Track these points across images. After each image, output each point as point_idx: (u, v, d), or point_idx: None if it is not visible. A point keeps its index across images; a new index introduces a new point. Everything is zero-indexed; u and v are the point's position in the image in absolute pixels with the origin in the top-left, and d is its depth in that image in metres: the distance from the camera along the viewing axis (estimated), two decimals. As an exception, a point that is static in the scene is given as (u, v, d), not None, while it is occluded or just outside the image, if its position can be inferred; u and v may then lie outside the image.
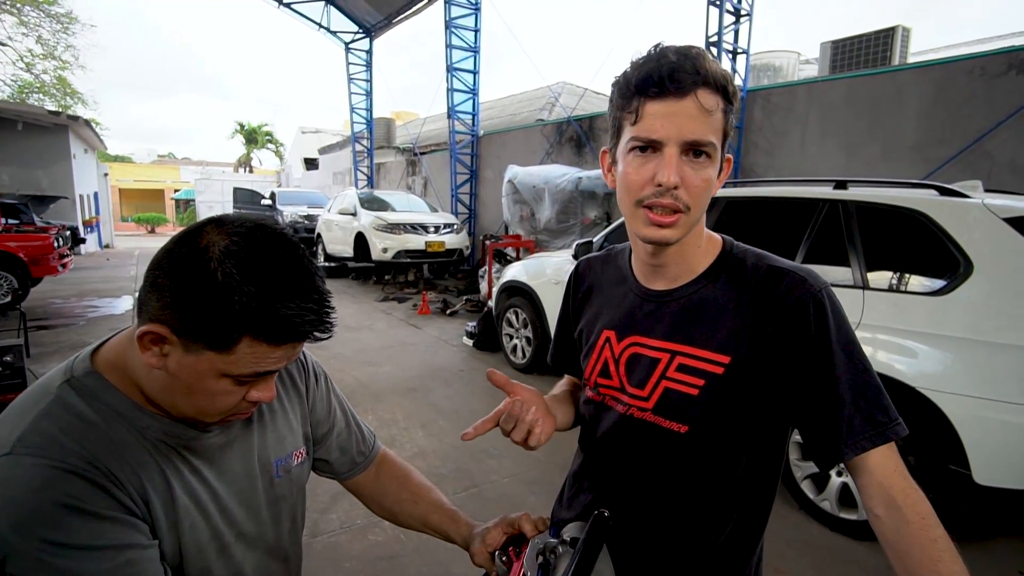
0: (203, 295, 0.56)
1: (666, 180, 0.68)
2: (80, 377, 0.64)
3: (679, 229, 0.73)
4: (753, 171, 6.66)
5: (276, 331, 0.59)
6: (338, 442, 0.94)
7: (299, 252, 0.62)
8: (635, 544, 0.81)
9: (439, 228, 9.48)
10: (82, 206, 15.57)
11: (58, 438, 0.58)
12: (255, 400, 0.66)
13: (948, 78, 5.03)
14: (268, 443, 0.80)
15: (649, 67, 0.69)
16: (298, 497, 0.87)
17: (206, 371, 0.60)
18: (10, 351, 3.56)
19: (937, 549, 0.64)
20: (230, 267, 0.57)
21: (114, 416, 0.63)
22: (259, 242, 0.60)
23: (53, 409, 0.60)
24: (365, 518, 2.59)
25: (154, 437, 0.66)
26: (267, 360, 0.61)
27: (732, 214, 3.20)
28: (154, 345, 0.60)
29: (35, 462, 0.56)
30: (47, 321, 6.69)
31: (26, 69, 17.69)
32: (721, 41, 6.33)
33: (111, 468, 0.60)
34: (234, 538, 0.74)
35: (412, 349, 5.78)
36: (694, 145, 0.69)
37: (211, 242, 0.58)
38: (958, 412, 2.17)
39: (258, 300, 0.57)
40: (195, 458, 0.70)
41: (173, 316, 0.58)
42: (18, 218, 9.19)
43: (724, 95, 0.70)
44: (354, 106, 15.64)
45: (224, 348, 0.59)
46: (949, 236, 2.31)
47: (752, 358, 0.73)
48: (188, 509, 0.67)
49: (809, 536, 2.55)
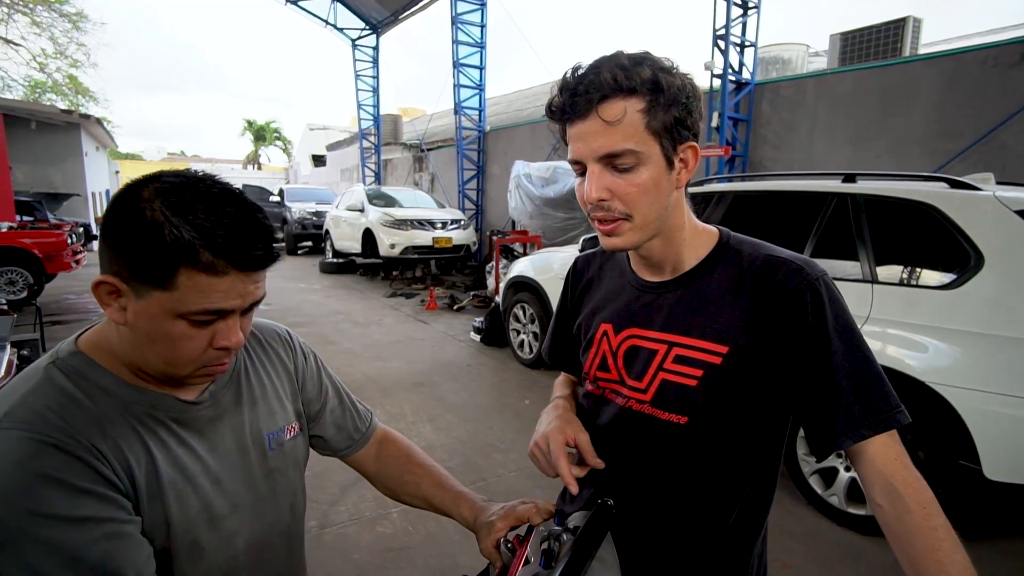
0: (137, 236, 0.59)
1: (588, 196, 0.72)
2: (65, 358, 0.66)
3: (627, 235, 0.74)
4: (761, 165, 6.62)
5: (209, 259, 0.59)
6: (332, 419, 0.95)
7: (230, 189, 0.64)
8: (638, 534, 0.81)
9: (446, 224, 9.50)
10: (94, 203, 15.75)
11: (43, 413, 0.60)
12: (222, 347, 0.66)
13: (960, 69, 4.96)
14: (259, 417, 0.81)
15: (555, 97, 0.72)
16: (295, 473, 0.87)
17: (158, 314, 0.61)
18: (26, 345, 3.62)
19: (937, 537, 0.64)
20: (159, 206, 0.59)
21: (99, 392, 0.65)
22: (188, 183, 0.62)
23: (39, 387, 0.63)
24: (374, 510, 2.61)
25: (140, 412, 0.67)
26: (213, 295, 0.61)
27: (739, 208, 3.19)
28: (111, 298, 0.62)
29: (20, 435, 0.58)
30: (61, 316, 6.80)
31: (39, 69, 17.90)
32: (729, 34, 6.27)
33: (94, 442, 0.61)
34: (228, 510, 0.74)
35: (420, 344, 5.81)
36: (609, 157, 0.70)
37: (142, 190, 0.61)
38: (968, 407, 2.16)
39: (188, 231, 0.58)
40: (184, 431, 0.71)
41: (119, 264, 0.60)
42: (32, 215, 9.33)
43: (637, 94, 0.68)
44: (361, 103, 15.66)
45: (166, 284, 0.59)
46: (959, 229, 2.29)
47: (750, 348, 0.74)
48: (174, 481, 0.68)
49: (816, 531, 2.54)
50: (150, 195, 0.60)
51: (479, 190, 11.77)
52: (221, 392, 0.77)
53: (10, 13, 16.51)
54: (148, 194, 0.60)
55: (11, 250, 7.21)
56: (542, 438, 0.82)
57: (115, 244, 0.60)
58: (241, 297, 0.64)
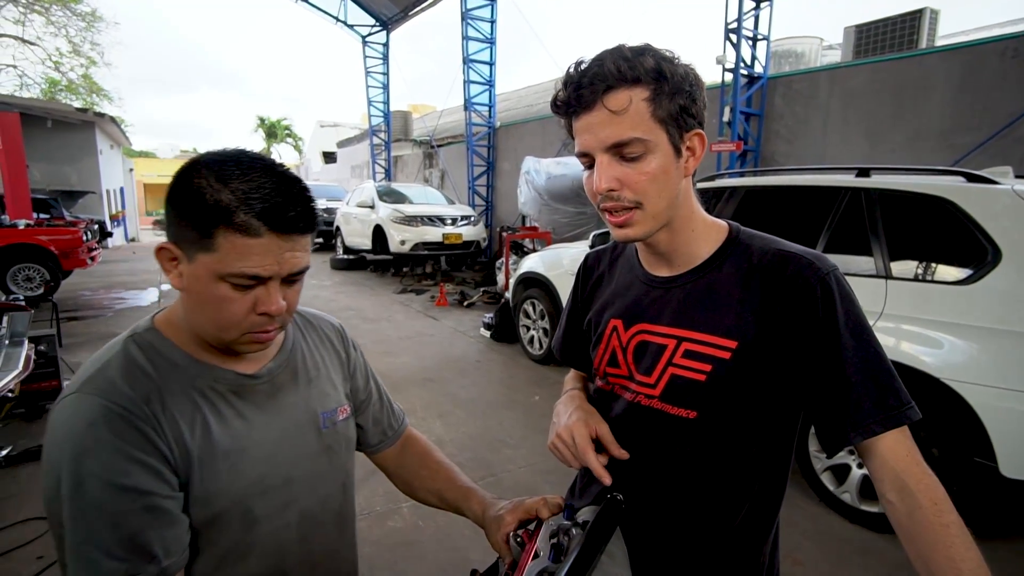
0: (185, 202, 0.64)
1: (597, 187, 0.72)
2: (141, 332, 0.73)
3: (638, 226, 0.74)
4: (773, 160, 6.55)
5: (243, 220, 0.63)
6: (372, 412, 1.00)
7: (275, 163, 0.69)
8: (647, 529, 0.81)
9: (456, 220, 9.51)
10: (109, 201, 15.95)
11: (115, 381, 0.67)
12: (264, 312, 0.69)
13: (977, 61, 4.87)
14: (313, 396, 0.85)
15: (560, 92, 0.73)
16: (347, 454, 0.91)
17: (204, 275, 0.66)
18: (43, 341, 3.69)
19: (950, 534, 0.63)
20: (206, 174, 0.64)
21: (166, 364, 0.71)
22: (236, 157, 0.67)
23: (116, 358, 0.69)
24: (385, 505, 2.63)
25: (203, 384, 0.73)
26: (251, 256, 0.65)
27: (751, 204, 3.16)
28: (172, 264, 0.69)
29: (94, 401, 0.65)
30: (77, 312, 6.90)
31: (55, 68, 18.14)
32: (741, 27, 6.21)
33: (154, 412, 0.67)
34: (281, 482, 0.78)
35: (430, 340, 5.83)
36: (617, 147, 0.70)
37: (199, 163, 0.66)
38: (984, 403, 2.13)
39: (227, 194, 0.63)
40: (242, 404, 0.76)
41: (174, 231, 0.67)
42: (49, 213, 9.46)
43: (641, 84, 0.69)
44: (371, 99, 15.71)
45: (207, 245, 0.64)
46: (976, 223, 2.26)
47: (759, 343, 0.73)
48: (229, 451, 0.72)
49: (829, 528, 2.53)
50: (202, 167, 0.65)
51: (489, 186, 11.77)
52: (279, 369, 0.81)
53: (26, 13, 16.75)
54: (201, 167, 0.66)
55: (28, 247, 7.33)
56: (565, 430, 0.82)
57: (170, 211, 0.66)
58: (278, 263, 0.67)
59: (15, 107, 9.86)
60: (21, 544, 2.30)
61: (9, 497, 2.68)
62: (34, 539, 2.34)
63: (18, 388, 3.17)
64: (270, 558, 0.77)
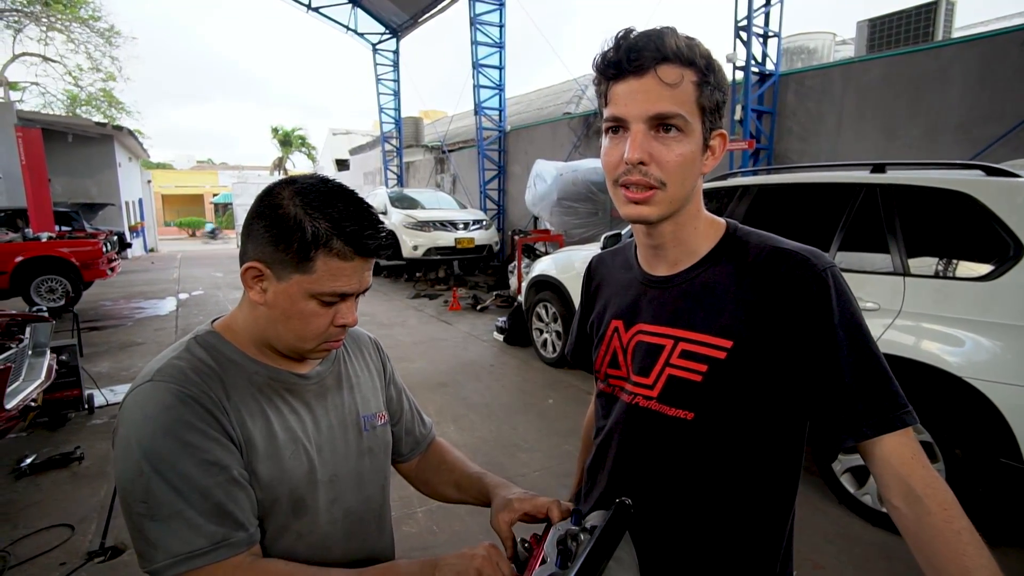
0: (284, 228, 0.71)
1: (629, 156, 0.69)
2: (203, 335, 0.80)
3: (656, 206, 0.72)
4: (787, 157, 6.47)
5: (343, 246, 0.71)
6: (405, 423, 1.05)
7: (352, 191, 0.77)
8: (653, 534, 0.80)
9: (468, 224, 9.54)
10: (128, 212, 16.27)
11: (185, 371, 0.73)
12: (342, 324, 0.77)
13: (996, 51, 4.76)
14: (356, 400, 0.91)
15: (610, 51, 0.71)
16: (385, 459, 0.95)
17: (296, 294, 0.73)
18: (65, 350, 3.76)
19: (962, 542, 0.61)
20: (300, 203, 0.71)
21: (228, 363, 0.78)
22: (319, 185, 0.74)
23: (183, 355, 0.76)
24: (399, 510, 2.64)
25: (260, 381, 0.79)
26: (341, 277, 0.73)
27: (764, 202, 3.12)
28: (255, 281, 0.75)
29: (168, 387, 0.71)
30: (98, 322, 7.03)
31: (74, 83, 18.57)
32: (751, 24, 6.15)
33: (221, 399, 0.74)
34: (328, 478, 0.82)
35: (443, 345, 5.84)
36: (660, 119, 0.69)
37: (282, 192, 0.73)
38: (1009, 402, 2.07)
39: (325, 223, 0.71)
40: (295, 401, 0.82)
41: (265, 252, 0.73)
42: (70, 225, 9.67)
43: (694, 67, 0.69)
44: (382, 106, 15.84)
45: (306, 268, 0.72)
46: (997, 218, 2.20)
47: (755, 342, 0.72)
48: (287, 442, 0.78)
49: (849, 531, 2.48)
50: (289, 195, 0.72)
51: (500, 190, 11.78)
52: (326, 372, 0.88)
53: (47, 32, 17.18)
54: (287, 195, 0.72)
55: (50, 259, 7.49)
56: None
57: (262, 235, 0.72)
58: (360, 282, 0.76)
59: (37, 123, 10.12)
60: (45, 550, 2.34)
61: (33, 504, 2.73)
62: (58, 545, 2.38)
63: (41, 397, 3.23)
64: (316, 551, 0.80)
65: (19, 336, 3.25)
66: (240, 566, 0.68)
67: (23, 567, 2.25)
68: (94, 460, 3.20)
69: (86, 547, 2.36)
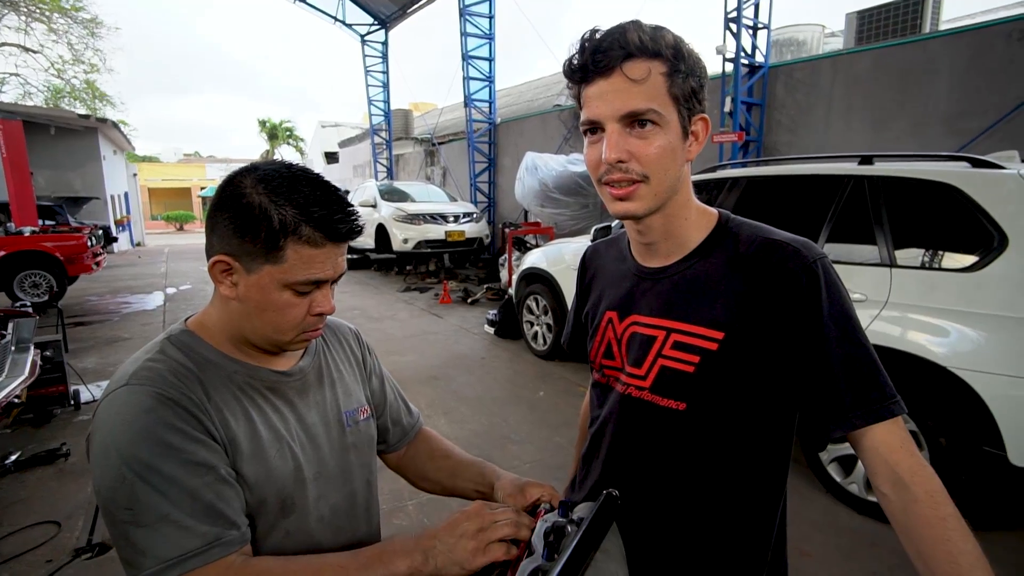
0: (249, 218, 0.68)
1: (607, 157, 0.70)
2: (176, 335, 0.77)
3: (641, 200, 0.72)
4: (776, 149, 6.50)
5: (312, 232, 0.69)
6: (391, 414, 1.03)
7: (318, 175, 0.73)
8: (644, 524, 0.80)
9: (459, 217, 9.50)
10: (113, 206, 16.04)
11: (162, 374, 0.70)
12: (319, 312, 0.75)
13: (983, 44, 4.80)
14: (338, 396, 0.89)
15: (575, 56, 0.71)
16: (370, 453, 0.94)
17: (268, 285, 0.71)
18: (49, 346, 3.71)
19: (947, 528, 0.62)
20: (263, 191, 0.69)
21: (205, 363, 0.75)
22: (282, 170, 0.71)
23: (158, 356, 0.73)
24: (390, 503, 2.63)
25: (240, 380, 0.77)
26: (314, 264, 0.71)
27: (753, 194, 3.13)
28: (224, 275, 0.72)
29: (145, 390, 0.68)
30: (83, 317, 6.94)
31: (57, 75, 18.21)
32: (741, 16, 6.14)
33: (201, 400, 0.71)
34: (313, 475, 0.81)
35: (434, 338, 5.83)
36: (632, 116, 0.68)
37: (244, 180, 0.70)
38: (992, 391, 2.10)
39: (292, 210, 0.68)
40: (277, 399, 0.80)
41: (231, 244, 0.70)
42: (54, 219, 9.52)
43: (661, 58, 0.68)
44: (372, 98, 15.70)
45: (276, 258, 0.69)
46: (981, 209, 2.22)
47: (746, 333, 0.72)
48: (271, 442, 0.76)
49: (836, 519, 2.51)
50: (252, 183, 0.69)
51: (491, 183, 11.74)
52: (308, 368, 0.86)
53: (28, 21, 16.81)
54: (250, 183, 0.69)
55: (34, 254, 7.38)
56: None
57: (227, 227, 0.70)
58: (333, 268, 0.74)
59: (18, 115, 9.91)
60: (32, 548, 2.32)
61: (18, 501, 2.70)
62: (44, 542, 2.35)
63: (25, 394, 3.20)
64: (304, 548, 0.79)
65: (1, 332, 3.20)
66: (232, 566, 0.66)
67: (9, 565, 2.22)
68: (80, 456, 3.16)
69: (73, 544, 2.34)
